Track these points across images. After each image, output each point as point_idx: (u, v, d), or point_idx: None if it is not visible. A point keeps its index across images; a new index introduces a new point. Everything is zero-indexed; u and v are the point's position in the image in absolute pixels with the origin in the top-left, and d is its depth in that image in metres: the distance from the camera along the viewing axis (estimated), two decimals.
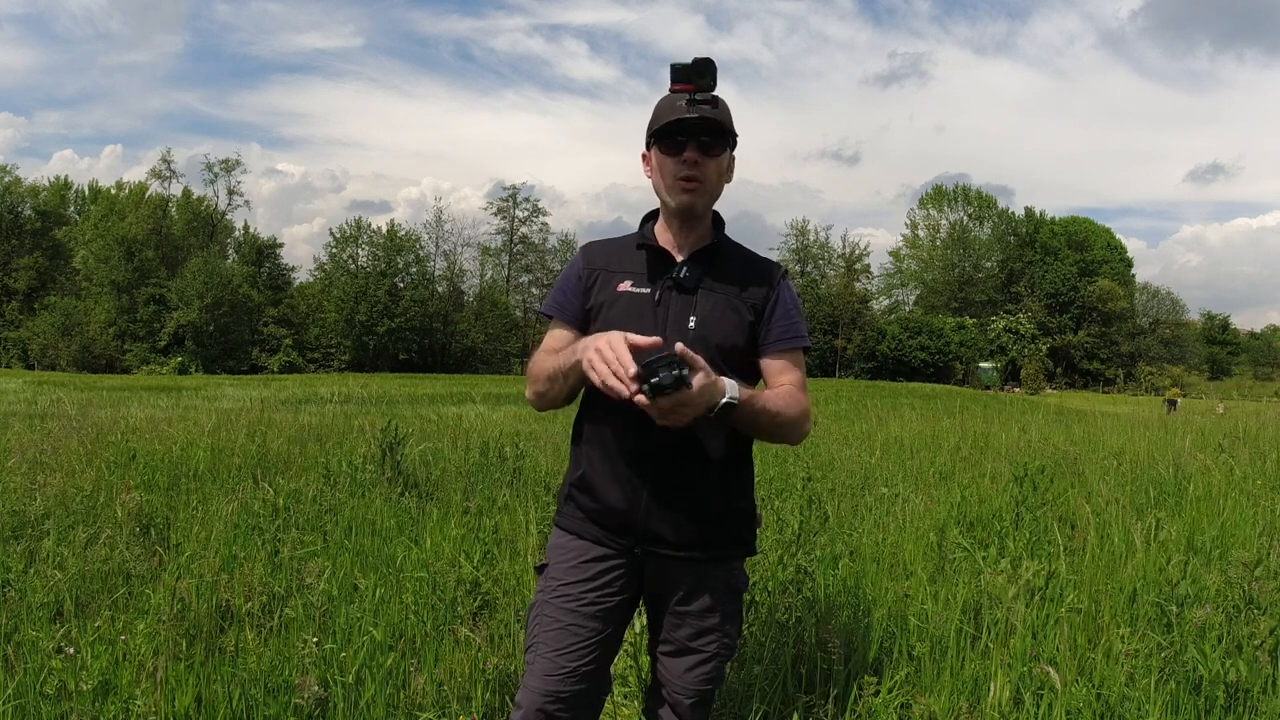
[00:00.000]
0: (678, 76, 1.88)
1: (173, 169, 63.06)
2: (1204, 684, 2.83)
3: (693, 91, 1.88)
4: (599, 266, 2.03)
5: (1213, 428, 11.09)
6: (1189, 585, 3.46)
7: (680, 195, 1.94)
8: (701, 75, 1.86)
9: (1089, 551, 4.24)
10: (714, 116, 1.88)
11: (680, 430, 1.89)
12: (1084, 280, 74.03)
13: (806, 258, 71.40)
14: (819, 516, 4.21)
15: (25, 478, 5.68)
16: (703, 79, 1.86)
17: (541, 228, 69.81)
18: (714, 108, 1.88)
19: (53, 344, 55.37)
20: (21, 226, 63.51)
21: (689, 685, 2.05)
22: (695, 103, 1.88)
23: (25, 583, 3.63)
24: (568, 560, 2.02)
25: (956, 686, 2.91)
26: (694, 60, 1.86)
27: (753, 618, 3.29)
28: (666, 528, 1.96)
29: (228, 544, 4.25)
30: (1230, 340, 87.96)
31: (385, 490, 5.70)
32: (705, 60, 1.86)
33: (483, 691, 2.95)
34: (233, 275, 57.40)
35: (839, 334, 64.50)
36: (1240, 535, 4.64)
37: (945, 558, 4.29)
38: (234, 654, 3.01)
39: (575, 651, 1.97)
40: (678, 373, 1.58)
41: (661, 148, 1.95)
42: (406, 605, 3.46)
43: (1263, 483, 6.10)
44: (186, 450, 6.92)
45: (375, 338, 57.50)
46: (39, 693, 2.70)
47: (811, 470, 6.39)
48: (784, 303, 2.02)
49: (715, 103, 1.89)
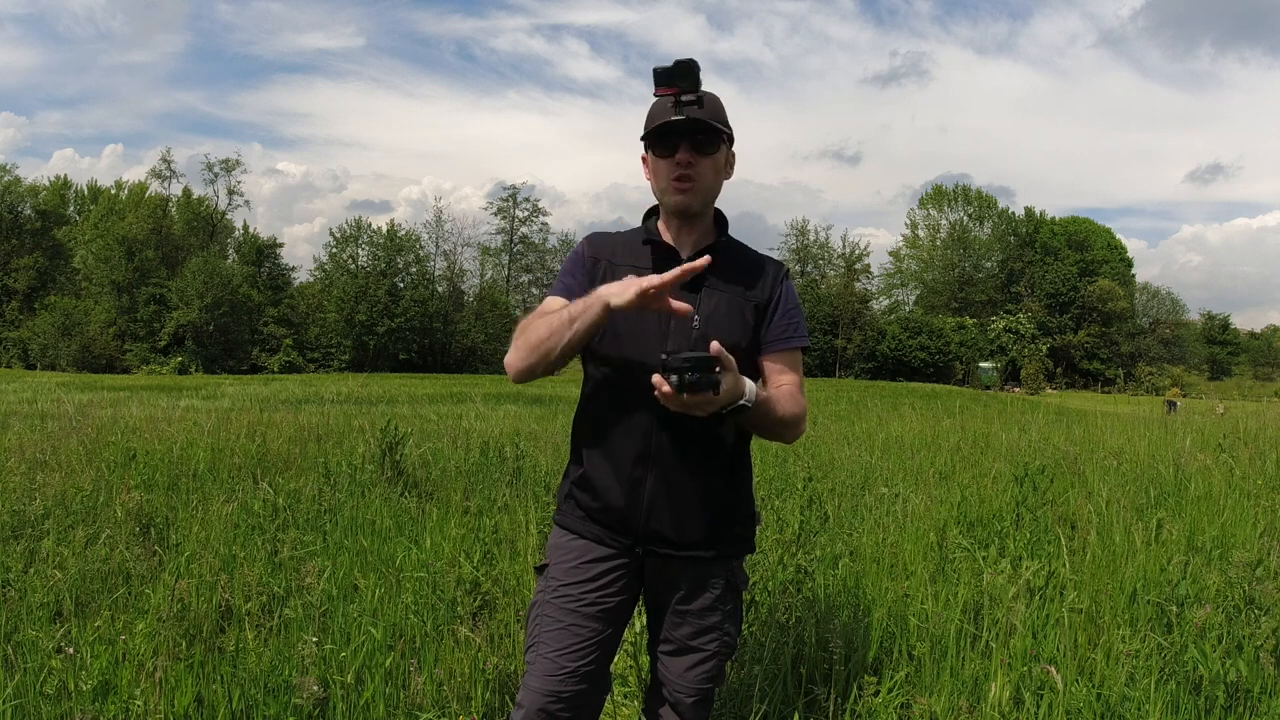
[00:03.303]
0: (660, 80, 1.88)
1: (173, 169, 63.05)
2: (1204, 684, 2.83)
3: (677, 94, 1.88)
4: (604, 257, 2.03)
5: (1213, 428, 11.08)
6: (1189, 585, 3.46)
7: (675, 196, 1.94)
8: (684, 77, 1.86)
9: (1089, 551, 4.23)
10: (701, 117, 1.89)
11: (681, 430, 1.90)
12: (1084, 280, 73.98)
13: (806, 258, 71.34)
14: (819, 516, 4.22)
15: (25, 478, 5.67)
16: (685, 80, 1.87)
17: (541, 228, 69.89)
18: (700, 107, 1.89)
19: (53, 344, 55.32)
20: (21, 226, 63.45)
21: (690, 684, 2.05)
22: (681, 104, 1.88)
23: (25, 583, 3.63)
24: (568, 560, 2.02)
25: (957, 686, 2.91)
26: (674, 63, 1.86)
27: (753, 618, 3.29)
28: (668, 526, 1.96)
29: (227, 544, 4.25)
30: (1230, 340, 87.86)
31: (385, 490, 5.70)
32: (686, 61, 1.86)
33: (483, 691, 2.95)
34: (233, 275, 57.35)
35: (839, 334, 64.44)
36: (1240, 535, 4.64)
37: (945, 558, 4.29)
38: (234, 654, 3.01)
39: (576, 651, 1.97)
40: (713, 377, 1.63)
41: (655, 151, 1.96)
42: (406, 605, 3.46)
43: (1263, 483, 6.10)
44: (186, 450, 6.91)
45: (375, 338, 57.44)
46: (39, 693, 2.70)
47: (812, 470, 6.39)
48: (786, 303, 2.03)
49: (702, 102, 1.89)
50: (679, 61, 1.86)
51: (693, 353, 1.64)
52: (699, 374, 1.61)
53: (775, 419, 1.88)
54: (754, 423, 1.87)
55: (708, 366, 1.62)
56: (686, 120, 1.88)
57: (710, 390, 1.63)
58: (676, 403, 1.66)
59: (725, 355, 1.66)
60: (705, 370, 1.62)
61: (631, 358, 1.94)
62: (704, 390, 1.62)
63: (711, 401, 1.67)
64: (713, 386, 1.63)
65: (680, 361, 1.62)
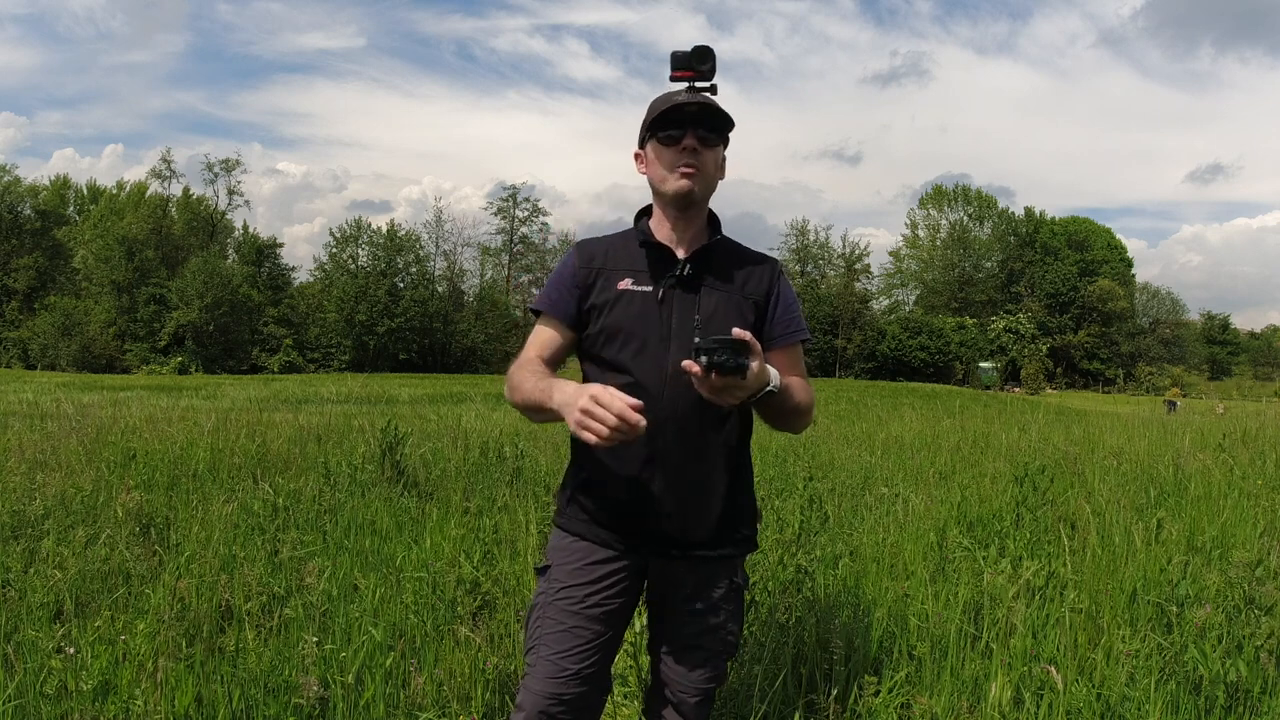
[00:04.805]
0: (678, 63, 1.89)
1: (173, 169, 62.95)
2: (1204, 684, 2.83)
3: (693, 78, 1.89)
4: (598, 265, 2.01)
5: (1212, 428, 11.08)
6: (1189, 585, 3.46)
7: (679, 181, 1.93)
8: (702, 61, 1.88)
9: (1089, 551, 4.23)
10: (714, 103, 1.91)
11: (686, 431, 1.90)
12: (1084, 280, 73.99)
13: (806, 258, 71.32)
14: (819, 516, 4.22)
15: (25, 478, 5.67)
16: (703, 65, 1.88)
17: (541, 228, 69.85)
18: (714, 94, 1.92)
19: (53, 344, 55.30)
20: (21, 226, 63.42)
21: (694, 684, 2.05)
22: (695, 89, 1.89)
23: (25, 583, 3.62)
24: (571, 562, 2.02)
25: (957, 686, 2.91)
26: (694, 48, 1.88)
27: (753, 618, 3.29)
28: (675, 527, 1.96)
29: (227, 544, 4.24)
30: (1230, 340, 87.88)
31: (385, 490, 5.70)
32: (705, 48, 1.87)
33: (483, 691, 2.95)
34: (233, 275, 57.31)
35: (839, 334, 64.43)
36: (1240, 535, 4.64)
37: (945, 558, 4.28)
38: (234, 654, 3.01)
39: (578, 654, 1.97)
40: (741, 361, 1.63)
41: (660, 139, 1.95)
42: (406, 605, 3.46)
43: (1263, 483, 6.09)
44: (186, 450, 6.91)
45: (375, 338, 57.41)
46: (39, 693, 2.70)
47: (812, 470, 6.39)
48: (784, 298, 2.04)
49: (715, 90, 1.91)
50: (698, 47, 1.88)
51: (723, 336, 1.65)
52: (728, 354, 1.62)
53: (793, 406, 1.90)
54: (775, 410, 1.88)
55: (733, 349, 1.63)
56: (699, 106, 1.89)
57: (739, 374, 1.64)
58: (707, 386, 1.66)
59: (751, 339, 1.66)
60: (734, 352, 1.63)
61: (634, 360, 1.94)
62: (732, 373, 1.63)
63: (741, 387, 1.66)
64: (741, 370, 1.64)
65: (711, 342, 1.63)
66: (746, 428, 2.05)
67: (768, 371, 1.75)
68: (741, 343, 1.63)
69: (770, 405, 1.83)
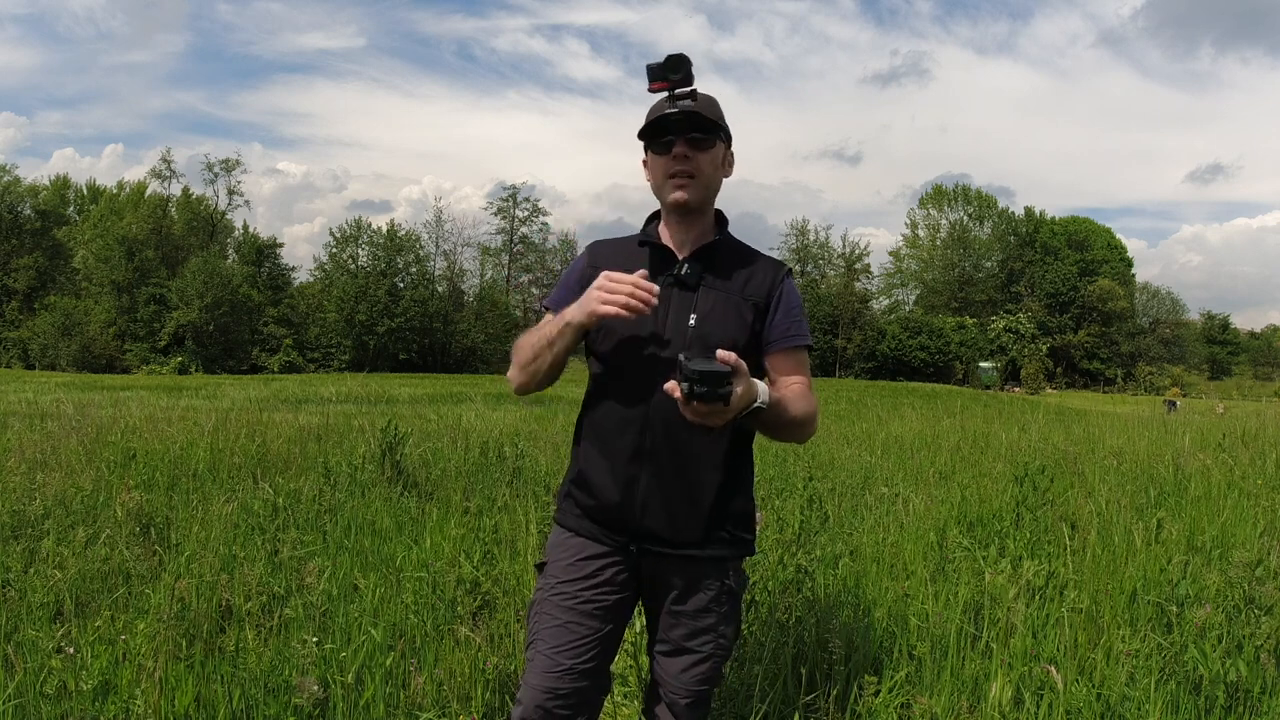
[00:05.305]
0: (653, 75, 1.90)
1: (173, 169, 62.92)
2: (1204, 684, 2.83)
3: (670, 88, 1.89)
4: (602, 265, 2.03)
5: (1212, 427, 11.08)
6: (1189, 585, 3.46)
7: (674, 191, 1.95)
8: (675, 70, 1.87)
9: (1089, 551, 4.23)
10: (696, 109, 1.90)
11: (676, 427, 1.90)
12: (1084, 280, 73.99)
13: (806, 257, 71.32)
14: (819, 516, 4.22)
15: (25, 478, 5.67)
16: (676, 73, 1.87)
17: (541, 228, 69.84)
18: (694, 101, 1.91)
19: (53, 344, 55.29)
20: (21, 226, 63.41)
21: (685, 685, 2.05)
22: (675, 98, 1.89)
23: (25, 583, 3.62)
24: (565, 558, 2.03)
25: (957, 686, 2.91)
26: (666, 58, 1.87)
27: (752, 618, 3.29)
28: (662, 524, 1.96)
29: (227, 544, 4.25)
30: (1230, 340, 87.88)
31: (385, 490, 5.70)
32: (678, 56, 1.87)
33: (483, 691, 2.95)
34: (233, 275, 57.30)
35: (839, 334, 64.44)
36: (1240, 535, 4.64)
37: (945, 558, 4.29)
38: (234, 654, 3.01)
39: (574, 649, 1.97)
40: (725, 390, 1.61)
41: (653, 148, 1.97)
42: (406, 605, 3.46)
43: (1263, 483, 6.10)
44: (186, 450, 6.91)
45: (375, 337, 57.41)
46: (39, 693, 2.70)
47: (812, 470, 6.39)
48: (787, 302, 2.02)
49: (695, 95, 1.91)
50: (670, 56, 1.87)
51: (706, 364, 1.61)
52: (708, 387, 1.59)
53: (788, 419, 1.88)
54: (767, 425, 1.87)
55: (718, 381, 1.60)
56: (681, 114, 1.89)
57: (720, 402, 1.62)
58: (689, 411, 1.65)
59: (738, 362, 1.65)
60: (715, 384, 1.60)
61: (626, 356, 1.95)
62: (713, 402, 1.61)
63: (723, 413, 1.65)
64: (723, 399, 1.61)
65: (691, 372, 1.60)
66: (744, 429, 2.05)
67: (755, 388, 1.74)
68: (725, 373, 1.61)
69: (761, 420, 1.82)
